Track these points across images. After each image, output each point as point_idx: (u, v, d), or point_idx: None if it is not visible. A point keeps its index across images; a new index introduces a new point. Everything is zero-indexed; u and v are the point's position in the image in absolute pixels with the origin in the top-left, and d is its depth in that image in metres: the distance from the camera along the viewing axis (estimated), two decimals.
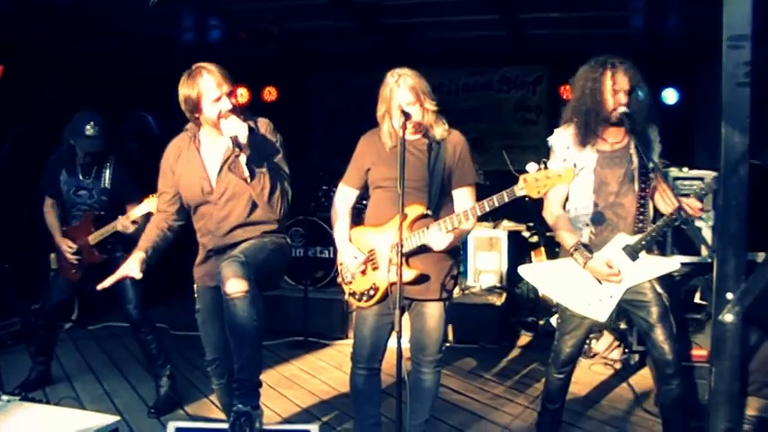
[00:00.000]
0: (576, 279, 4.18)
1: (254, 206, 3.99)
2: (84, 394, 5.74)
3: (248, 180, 3.84)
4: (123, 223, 5.19)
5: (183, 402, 5.56)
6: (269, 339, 7.19)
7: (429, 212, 3.96)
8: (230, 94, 3.91)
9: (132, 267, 4.05)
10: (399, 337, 3.50)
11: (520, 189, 3.66)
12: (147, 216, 5.16)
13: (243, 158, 3.79)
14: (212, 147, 4.04)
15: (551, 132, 4.37)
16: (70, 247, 5.48)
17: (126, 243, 5.47)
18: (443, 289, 4.08)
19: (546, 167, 3.62)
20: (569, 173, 3.61)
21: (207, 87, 3.86)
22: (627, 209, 4.15)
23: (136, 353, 6.29)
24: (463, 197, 4.09)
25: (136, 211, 5.12)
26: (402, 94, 3.90)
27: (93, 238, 5.37)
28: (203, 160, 4.06)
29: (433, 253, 3.95)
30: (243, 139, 3.75)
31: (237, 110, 3.91)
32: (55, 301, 5.62)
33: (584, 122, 4.13)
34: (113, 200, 5.35)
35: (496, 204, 3.77)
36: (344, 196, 4.28)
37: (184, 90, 3.93)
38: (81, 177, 5.49)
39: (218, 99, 3.88)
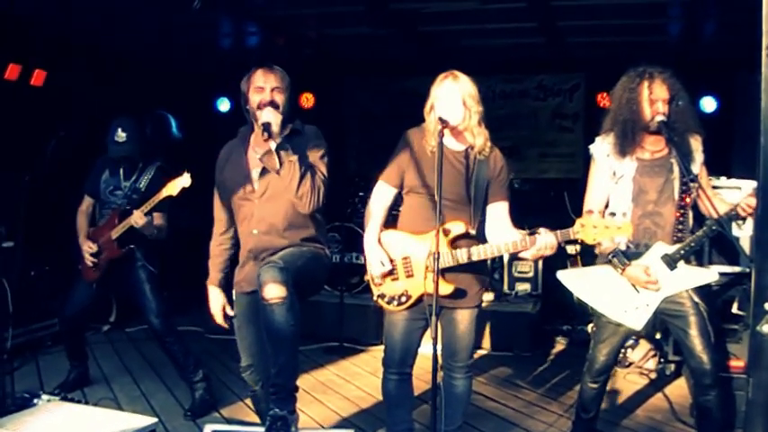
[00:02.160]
0: (613, 286, 4.17)
1: (294, 211, 4.02)
2: (121, 395, 5.81)
3: (278, 170, 3.92)
4: (136, 215, 5.22)
5: (219, 405, 5.60)
6: (304, 344, 7.20)
7: (472, 232, 3.96)
8: (277, 91, 4.03)
9: (222, 306, 4.32)
10: (435, 344, 3.51)
11: (576, 232, 3.71)
12: (167, 214, 5.35)
13: (273, 145, 3.88)
14: (259, 149, 4.08)
15: (588, 140, 4.37)
16: (90, 248, 5.52)
17: (146, 249, 5.54)
18: (475, 297, 4.09)
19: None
20: (628, 227, 3.66)
21: (256, 78, 4.05)
22: (665, 218, 4.12)
23: None
24: (500, 211, 4.07)
25: (149, 202, 5.21)
26: (452, 89, 3.92)
27: (115, 231, 5.39)
28: (249, 160, 4.13)
29: (467, 267, 3.95)
30: (275, 127, 3.86)
31: (277, 106, 3.99)
32: (75, 307, 5.64)
33: (621, 132, 4.13)
34: (142, 201, 5.34)
35: None
36: (382, 194, 4.18)
37: (242, 82, 4.12)
38: (122, 180, 5.55)
39: (261, 90, 4.01)
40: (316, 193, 3.94)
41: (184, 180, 5.06)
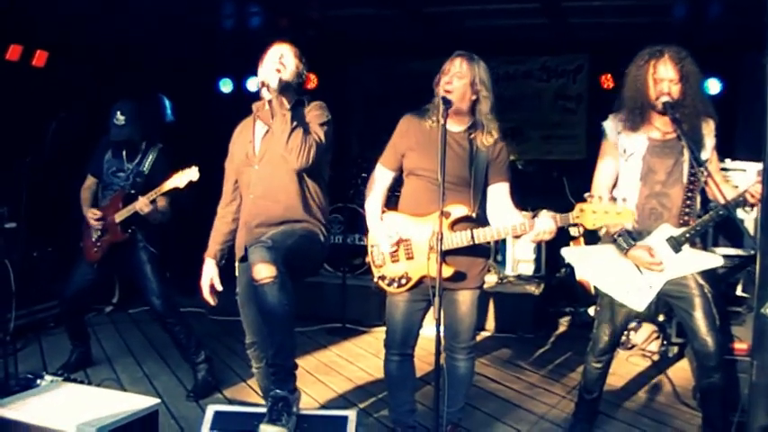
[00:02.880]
0: (617, 266, 4.16)
1: (290, 176, 4.02)
2: (124, 376, 5.83)
3: (270, 123, 3.97)
4: (141, 202, 5.22)
5: (222, 386, 5.62)
6: (307, 325, 7.24)
7: (473, 215, 3.94)
8: (286, 57, 4.11)
9: (209, 280, 4.30)
10: (438, 326, 3.50)
11: (575, 217, 3.66)
12: (171, 197, 5.36)
13: (266, 95, 3.95)
14: (266, 119, 4.09)
15: (591, 122, 4.36)
16: (94, 214, 5.50)
17: (148, 231, 5.53)
18: (476, 278, 4.09)
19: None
20: (628, 213, 3.61)
21: (271, 50, 4.13)
22: (672, 200, 4.10)
23: None
24: (501, 192, 4.06)
25: (155, 191, 5.20)
26: (456, 68, 3.91)
27: (119, 215, 5.38)
28: (255, 129, 4.17)
29: (467, 250, 3.93)
30: (272, 83, 3.90)
31: (282, 67, 4.04)
32: (76, 289, 5.64)
33: (629, 108, 4.14)
34: (146, 185, 5.36)
35: None
36: (381, 177, 4.22)
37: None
38: (125, 161, 5.54)
39: (272, 61, 4.07)
40: (306, 149, 3.88)
41: (192, 174, 5.04)
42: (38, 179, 5.30)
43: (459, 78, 3.89)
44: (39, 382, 4.55)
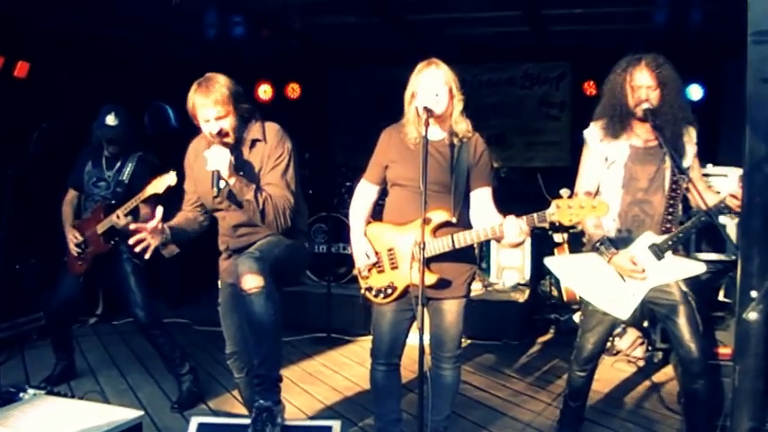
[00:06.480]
0: (600, 274, 4.17)
1: None
2: (108, 388, 5.79)
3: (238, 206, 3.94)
4: (115, 215, 5.19)
5: (206, 397, 5.59)
6: (292, 335, 7.21)
7: (453, 220, 3.93)
8: (221, 119, 3.94)
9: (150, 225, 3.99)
10: (422, 335, 3.50)
11: (551, 214, 3.65)
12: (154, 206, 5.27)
13: (228, 185, 3.85)
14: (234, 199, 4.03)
15: (574, 129, 4.37)
16: (75, 238, 5.48)
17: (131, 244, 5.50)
18: (462, 287, 4.07)
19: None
20: (603, 206, 3.61)
21: (198, 108, 3.96)
22: (654, 207, 4.11)
23: None
24: (484, 197, 4.05)
25: (132, 201, 5.16)
26: (436, 76, 3.89)
27: (101, 226, 5.35)
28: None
29: (452, 256, 3.94)
30: (224, 173, 3.80)
31: (225, 133, 3.95)
32: (61, 300, 5.60)
33: (609, 116, 4.14)
34: (127, 194, 5.32)
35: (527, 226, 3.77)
36: (365, 192, 4.24)
37: (188, 98, 4.03)
38: (104, 169, 5.52)
39: (207, 122, 3.95)
40: (281, 217, 3.93)
41: (170, 178, 5.00)
42: (20, 190, 5.27)
43: (445, 85, 3.90)
44: (21, 395, 4.50)
